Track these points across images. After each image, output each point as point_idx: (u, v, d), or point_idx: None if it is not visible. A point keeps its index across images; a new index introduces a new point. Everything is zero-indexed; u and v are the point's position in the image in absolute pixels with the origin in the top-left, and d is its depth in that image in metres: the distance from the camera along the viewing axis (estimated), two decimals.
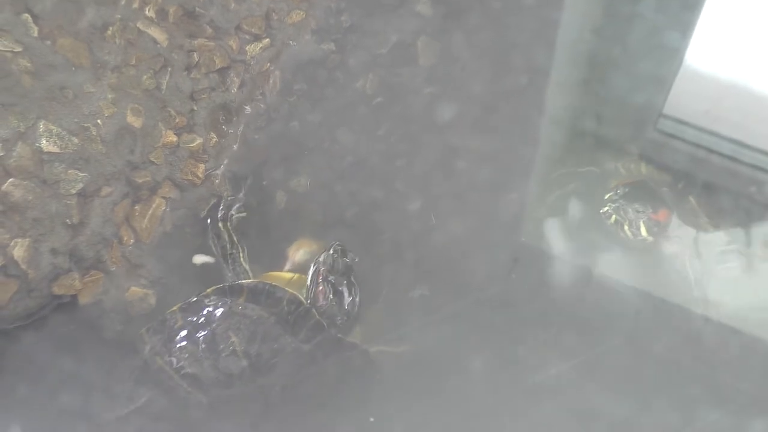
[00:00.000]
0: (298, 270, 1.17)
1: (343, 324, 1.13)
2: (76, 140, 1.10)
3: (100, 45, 1.12)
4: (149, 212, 1.20)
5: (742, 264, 1.22)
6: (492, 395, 1.14)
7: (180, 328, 1.07)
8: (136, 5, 1.15)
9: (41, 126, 1.07)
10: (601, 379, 1.14)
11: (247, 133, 1.31)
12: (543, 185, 1.32)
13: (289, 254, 1.20)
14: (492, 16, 1.45)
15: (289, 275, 1.16)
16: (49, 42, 1.06)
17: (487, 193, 1.30)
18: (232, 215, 1.23)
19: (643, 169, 1.29)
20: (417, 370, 1.15)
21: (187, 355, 1.05)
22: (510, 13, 1.45)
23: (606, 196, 1.26)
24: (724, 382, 1.14)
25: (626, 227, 1.23)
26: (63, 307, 1.14)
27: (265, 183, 1.29)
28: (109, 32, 1.12)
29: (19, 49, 1.03)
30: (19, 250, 1.07)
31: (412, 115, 1.37)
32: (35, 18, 1.05)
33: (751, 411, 1.12)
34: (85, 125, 1.11)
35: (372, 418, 1.11)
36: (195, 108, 1.25)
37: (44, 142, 1.07)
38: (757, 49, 1.32)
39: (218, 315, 1.07)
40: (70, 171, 1.10)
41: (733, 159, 1.28)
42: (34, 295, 1.11)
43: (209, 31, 1.25)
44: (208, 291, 1.09)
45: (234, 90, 1.29)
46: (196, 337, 1.06)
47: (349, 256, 1.15)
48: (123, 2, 1.15)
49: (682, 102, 1.32)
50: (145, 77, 1.18)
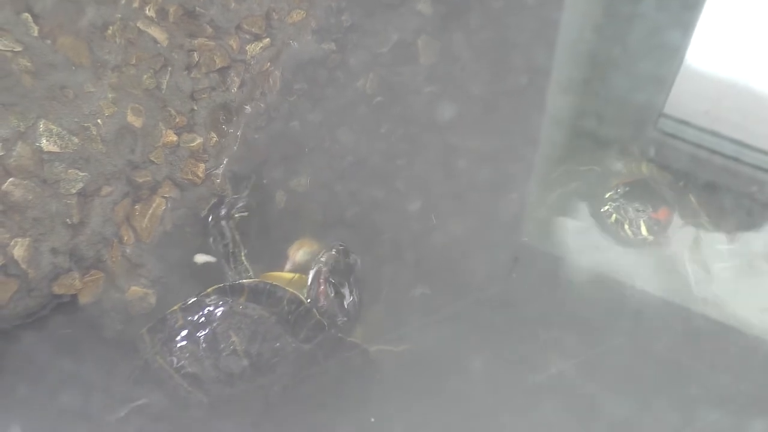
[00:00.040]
0: (299, 270, 1.17)
1: (343, 324, 1.13)
2: (76, 140, 1.10)
3: (101, 44, 1.12)
4: (149, 212, 1.20)
5: (742, 263, 1.22)
6: (492, 395, 1.14)
7: (180, 328, 1.07)
8: (136, 5, 1.15)
9: (41, 125, 1.07)
10: (601, 379, 1.14)
11: (248, 133, 1.31)
12: (544, 184, 1.32)
13: (289, 254, 1.20)
14: (493, 15, 1.45)
15: (290, 275, 1.16)
16: (49, 41, 1.06)
17: (488, 193, 1.30)
18: (233, 214, 1.23)
19: (644, 168, 1.29)
20: (417, 370, 1.15)
21: (187, 354, 1.05)
22: (510, 13, 1.45)
23: (606, 195, 1.25)
24: (724, 381, 1.14)
25: (626, 226, 1.23)
26: (63, 307, 1.14)
27: (265, 183, 1.29)
28: (110, 31, 1.12)
29: (19, 48, 1.03)
30: (19, 250, 1.07)
31: (413, 115, 1.37)
32: (35, 17, 1.04)
33: (752, 411, 1.12)
34: (86, 125, 1.11)
35: (373, 419, 1.11)
36: (195, 107, 1.25)
37: (44, 141, 1.07)
38: (757, 49, 1.32)
39: (219, 314, 1.07)
40: (70, 170, 1.10)
41: (733, 159, 1.28)
42: (34, 294, 1.11)
43: (209, 30, 1.25)
44: (208, 290, 1.09)
45: (234, 89, 1.29)
46: (196, 336, 1.06)
47: (351, 257, 1.15)
48: (123, 2, 1.15)
49: (682, 102, 1.32)
50: (145, 77, 1.18)
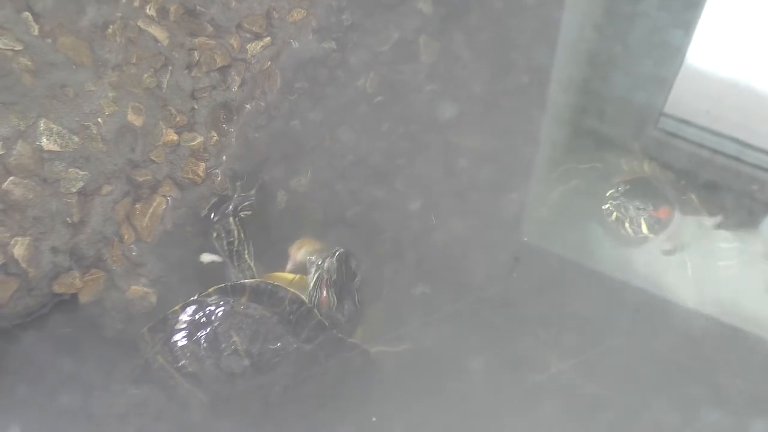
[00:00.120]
0: (300, 270, 1.17)
1: (344, 325, 1.13)
2: (76, 139, 1.10)
3: (101, 43, 1.12)
4: (150, 211, 1.20)
5: (743, 262, 1.22)
6: (492, 395, 1.14)
7: (181, 327, 1.07)
8: (136, 4, 1.15)
9: (42, 124, 1.06)
10: (601, 379, 1.14)
11: (248, 132, 1.31)
12: (544, 183, 1.32)
13: (290, 253, 1.19)
14: (493, 14, 1.45)
15: (291, 275, 1.16)
16: (49, 40, 1.06)
17: (488, 192, 1.30)
18: (239, 213, 1.23)
19: (645, 167, 1.29)
20: (417, 370, 1.15)
21: (188, 353, 1.05)
22: (511, 12, 1.45)
23: (607, 193, 1.25)
24: (724, 381, 1.14)
25: (627, 224, 1.23)
26: (63, 306, 1.14)
27: (266, 182, 1.29)
28: (110, 31, 1.12)
29: (19, 47, 1.03)
30: (19, 249, 1.07)
31: (413, 114, 1.37)
32: (36, 16, 1.04)
33: (752, 411, 1.12)
34: (86, 124, 1.11)
35: (374, 418, 1.11)
36: (196, 106, 1.25)
37: (45, 140, 1.07)
38: (758, 49, 1.32)
39: (220, 314, 1.07)
40: (70, 169, 1.10)
41: (734, 158, 1.28)
42: (35, 293, 1.11)
43: (210, 29, 1.25)
44: (209, 290, 1.09)
45: (235, 88, 1.28)
46: (197, 336, 1.05)
47: (353, 263, 1.15)
48: (124, 1, 1.14)
49: (683, 101, 1.32)
50: (145, 76, 1.18)
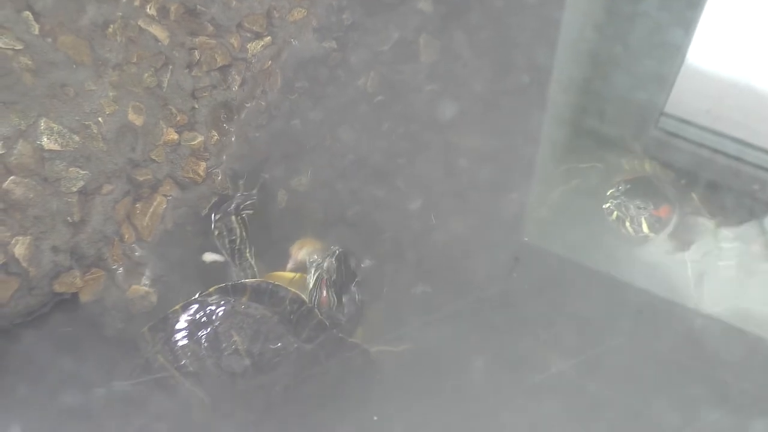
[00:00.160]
0: (301, 269, 1.17)
1: (345, 324, 1.13)
2: (77, 138, 1.10)
3: (102, 43, 1.12)
4: (150, 210, 1.19)
5: (744, 262, 1.22)
6: (492, 395, 1.14)
7: (182, 327, 1.07)
8: (137, 3, 1.15)
9: (42, 124, 1.06)
10: (601, 379, 1.14)
11: (249, 131, 1.31)
12: (545, 183, 1.32)
13: (291, 253, 1.19)
14: (493, 13, 1.45)
15: (292, 275, 1.16)
16: (50, 39, 1.06)
17: (489, 192, 1.30)
18: (241, 212, 1.23)
19: (646, 166, 1.29)
20: (417, 370, 1.15)
21: (189, 353, 1.05)
22: (511, 11, 1.44)
23: (608, 192, 1.25)
24: (725, 381, 1.14)
25: (628, 223, 1.23)
26: (64, 305, 1.14)
27: (267, 181, 1.29)
28: (111, 30, 1.12)
29: (20, 46, 1.03)
30: (20, 248, 1.07)
31: (414, 113, 1.37)
32: (36, 15, 1.04)
33: (753, 410, 1.12)
34: (86, 123, 1.11)
35: (375, 417, 1.11)
36: (196, 106, 1.25)
37: (45, 139, 1.07)
38: (758, 48, 1.32)
39: (221, 314, 1.07)
40: (71, 169, 1.10)
41: (735, 158, 1.28)
42: (35, 293, 1.11)
43: (210, 28, 1.25)
44: (210, 290, 1.09)
45: (235, 88, 1.28)
46: (198, 335, 1.05)
47: (352, 262, 1.15)
48: (124, 0, 1.14)
49: (683, 100, 1.32)
50: (146, 75, 1.18)
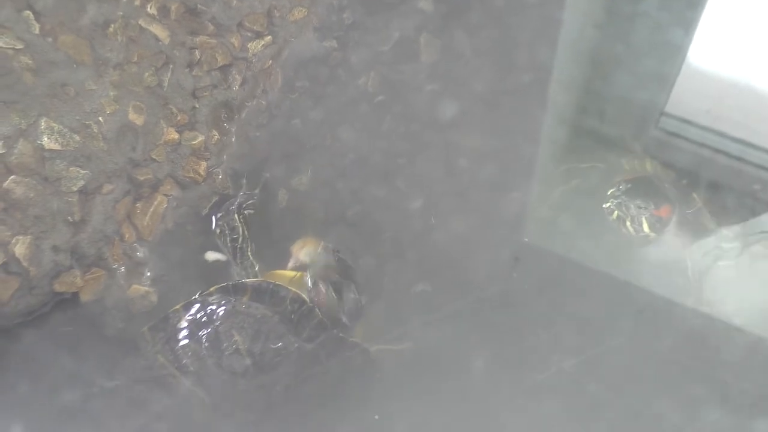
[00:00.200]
0: (302, 268, 1.16)
1: (346, 323, 1.13)
2: (77, 137, 1.10)
3: (102, 42, 1.11)
4: (151, 210, 1.19)
5: (744, 262, 1.22)
6: (493, 394, 1.14)
7: (183, 327, 1.07)
8: (137, 2, 1.15)
9: (43, 123, 1.06)
10: (602, 379, 1.14)
11: (249, 131, 1.31)
12: (545, 183, 1.32)
13: (292, 252, 1.19)
14: (494, 13, 1.45)
15: (292, 274, 1.16)
16: (50, 39, 1.06)
17: (489, 192, 1.30)
18: (243, 210, 1.23)
19: (647, 166, 1.29)
20: (418, 369, 1.15)
21: (190, 353, 1.05)
22: (512, 11, 1.44)
23: (608, 192, 1.25)
24: (725, 381, 1.14)
25: (628, 223, 1.23)
26: (64, 305, 1.14)
27: (267, 181, 1.29)
28: (111, 29, 1.12)
29: (20, 46, 1.03)
30: (20, 248, 1.07)
31: (414, 113, 1.37)
32: (37, 15, 1.04)
33: (753, 410, 1.12)
34: (87, 122, 1.11)
35: (377, 416, 1.11)
36: (197, 105, 1.24)
37: (46, 139, 1.07)
38: (759, 48, 1.32)
39: (222, 313, 1.07)
40: (71, 168, 1.10)
41: (735, 157, 1.28)
42: (36, 292, 1.11)
43: (211, 28, 1.25)
44: (211, 289, 1.09)
45: (236, 87, 1.28)
46: (199, 335, 1.05)
47: (347, 257, 1.15)
48: None
49: (684, 100, 1.32)
50: (146, 74, 1.17)
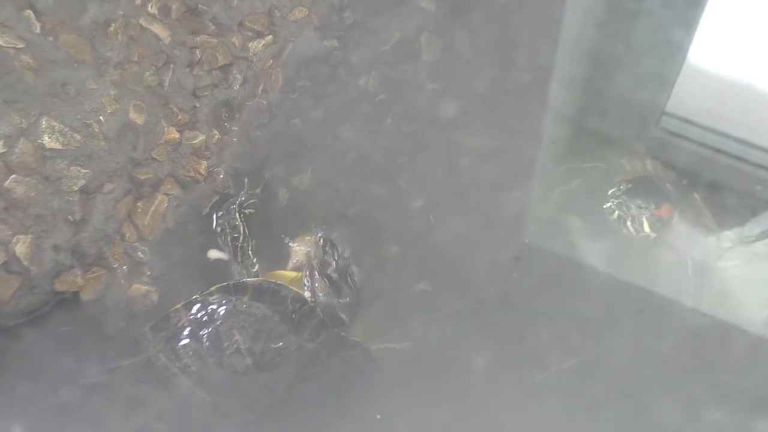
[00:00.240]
0: (302, 268, 1.17)
1: (346, 321, 1.13)
2: (78, 137, 1.10)
3: (103, 41, 1.11)
4: (151, 209, 1.19)
5: (745, 261, 1.22)
6: (493, 394, 1.14)
7: (184, 326, 1.07)
8: (138, 2, 1.15)
9: (43, 122, 1.06)
10: (602, 378, 1.14)
11: (250, 130, 1.31)
12: (546, 182, 1.32)
13: (292, 252, 1.19)
14: (495, 12, 1.45)
15: (293, 274, 1.16)
16: (51, 38, 1.06)
17: (490, 191, 1.30)
18: (244, 209, 1.23)
19: (648, 166, 1.29)
20: (418, 369, 1.15)
21: (191, 352, 1.05)
22: (513, 10, 1.44)
23: (609, 192, 1.25)
24: (726, 381, 1.14)
25: (629, 223, 1.23)
26: (65, 304, 1.14)
27: (268, 180, 1.29)
28: (112, 29, 1.12)
29: (21, 45, 1.03)
30: (21, 247, 1.07)
31: (415, 112, 1.37)
32: (38, 14, 1.04)
33: (754, 410, 1.12)
34: (88, 122, 1.11)
35: (378, 416, 1.11)
36: (197, 105, 1.24)
37: (46, 138, 1.07)
38: (760, 48, 1.32)
39: (222, 313, 1.07)
40: (72, 167, 1.10)
41: (737, 157, 1.28)
42: (36, 291, 1.11)
43: (212, 27, 1.25)
44: (212, 289, 1.09)
45: (236, 87, 1.28)
46: (199, 334, 1.05)
47: (339, 247, 1.15)
48: None
49: (685, 100, 1.32)
50: (147, 74, 1.17)
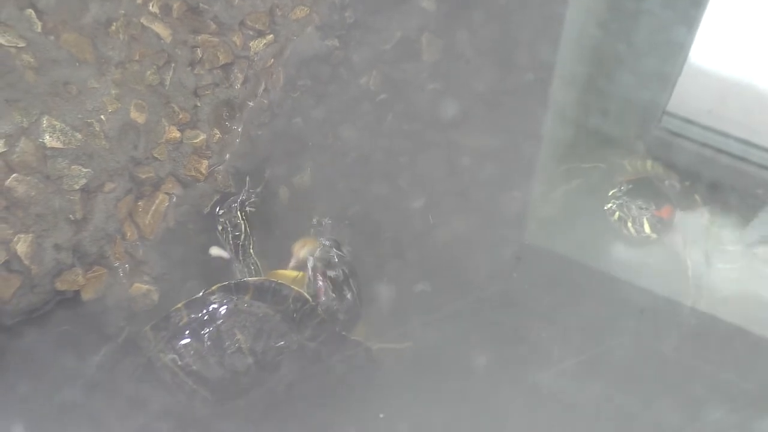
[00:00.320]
0: (303, 268, 1.17)
1: (346, 320, 1.13)
2: (79, 136, 1.10)
3: (104, 40, 1.11)
4: (152, 208, 1.19)
5: (746, 262, 1.22)
6: (494, 393, 1.14)
7: (185, 325, 1.07)
8: (139, 1, 1.14)
9: (44, 121, 1.06)
10: (602, 379, 1.15)
11: (251, 129, 1.31)
12: (547, 182, 1.32)
13: (293, 251, 1.19)
14: (496, 11, 1.45)
15: (294, 273, 1.16)
16: (52, 37, 1.06)
17: (491, 191, 1.30)
18: (246, 208, 1.23)
19: (649, 166, 1.29)
20: (419, 368, 1.15)
21: (192, 352, 1.05)
22: (514, 9, 1.44)
23: (610, 193, 1.25)
24: (727, 380, 1.14)
25: (630, 224, 1.23)
26: (66, 303, 1.14)
27: (268, 179, 1.29)
28: (113, 28, 1.12)
29: (22, 44, 1.03)
30: (22, 246, 1.07)
31: (416, 112, 1.37)
32: (39, 13, 1.04)
33: (755, 410, 1.12)
34: (89, 121, 1.11)
35: (382, 415, 1.11)
36: (198, 104, 1.24)
37: (47, 137, 1.07)
38: (762, 48, 1.31)
39: (224, 312, 1.07)
40: (73, 167, 1.10)
41: (738, 158, 1.28)
42: (37, 290, 1.11)
43: (213, 26, 1.25)
44: (213, 288, 1.09)
45: (237, 86, 1.28)
46: (201, 334, 1.05)
47: (343, 249, 1.15)
48: None
49: (686, 100, 1.32)
50: (148, 73, 1.17)
